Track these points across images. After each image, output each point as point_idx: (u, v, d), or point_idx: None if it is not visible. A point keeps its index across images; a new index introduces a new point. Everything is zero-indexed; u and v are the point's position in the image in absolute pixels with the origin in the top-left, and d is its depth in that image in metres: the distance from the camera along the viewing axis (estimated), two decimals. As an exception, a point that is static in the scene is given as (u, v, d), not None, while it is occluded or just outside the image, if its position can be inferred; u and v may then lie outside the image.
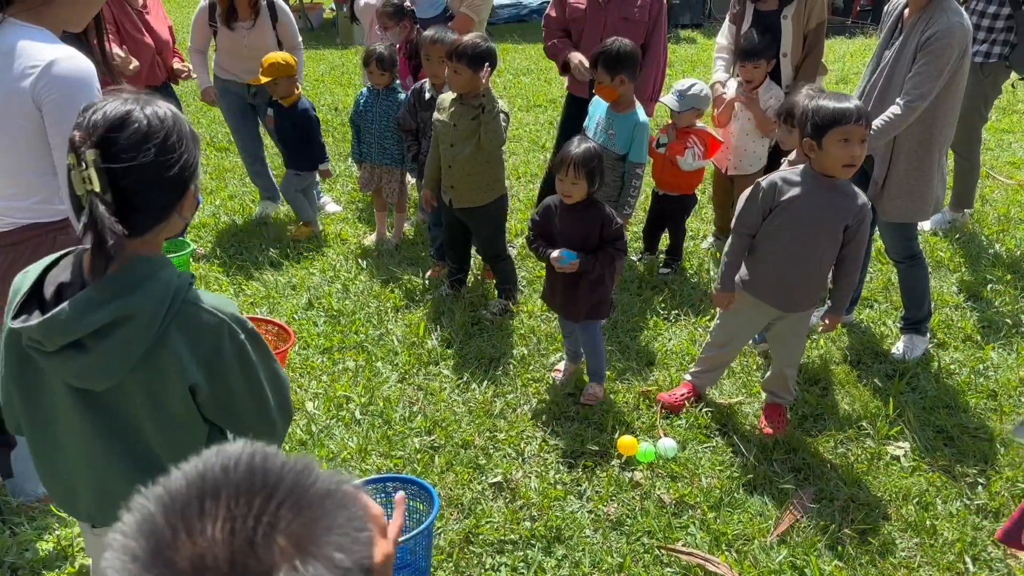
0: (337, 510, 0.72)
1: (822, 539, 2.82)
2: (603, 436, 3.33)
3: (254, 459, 0.72)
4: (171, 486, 0.70)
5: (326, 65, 9.96)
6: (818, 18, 4.26)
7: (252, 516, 0.67)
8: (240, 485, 0.70)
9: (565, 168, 3.22)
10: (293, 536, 0.68)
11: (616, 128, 4.06)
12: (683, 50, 10.79)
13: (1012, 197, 5.81)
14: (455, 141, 3.93)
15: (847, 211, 3.00)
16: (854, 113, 2.83)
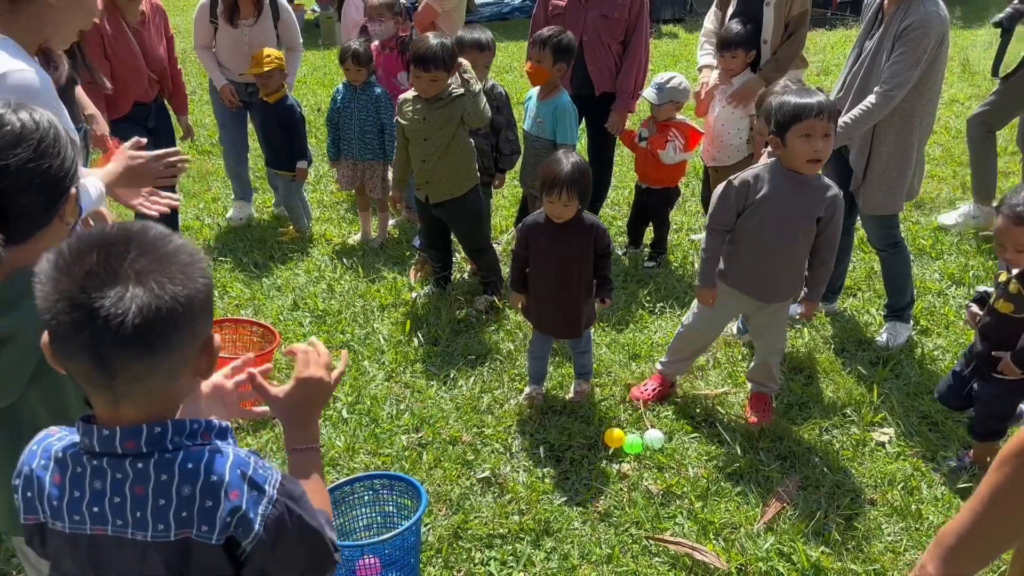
0: (173, 264, 1.13)
1: (808, 525, 2.84)
2: (590, 429, 3.35)
3: (133, 226, 1.16)
4: (81, 232, 1.15)
5: (309, 66, 9.94)
6: (801, 6, 4.28)
7: (113, 251, 1.11)
8: (113, 236, 1.13)
9: (557, 191, 3.09)
10: (136, 268, 1.10)
11: (543, 115, 4.12)
12: (665, 45, 10.82)
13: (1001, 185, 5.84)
14: (428, 135, 3.92)
15: (818, 204, 3.03)
16: (815, 108, 2.85)
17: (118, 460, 1.18)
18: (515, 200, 5.53)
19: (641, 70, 4.61)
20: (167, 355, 1.14)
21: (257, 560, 1.22)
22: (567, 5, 4.54)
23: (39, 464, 1.24)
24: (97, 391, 1.16)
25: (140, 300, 1.08)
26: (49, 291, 1.10)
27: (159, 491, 1.18)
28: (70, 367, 1.15)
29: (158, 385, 1.17)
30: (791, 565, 2.71)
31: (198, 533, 1.18)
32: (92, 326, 1.07)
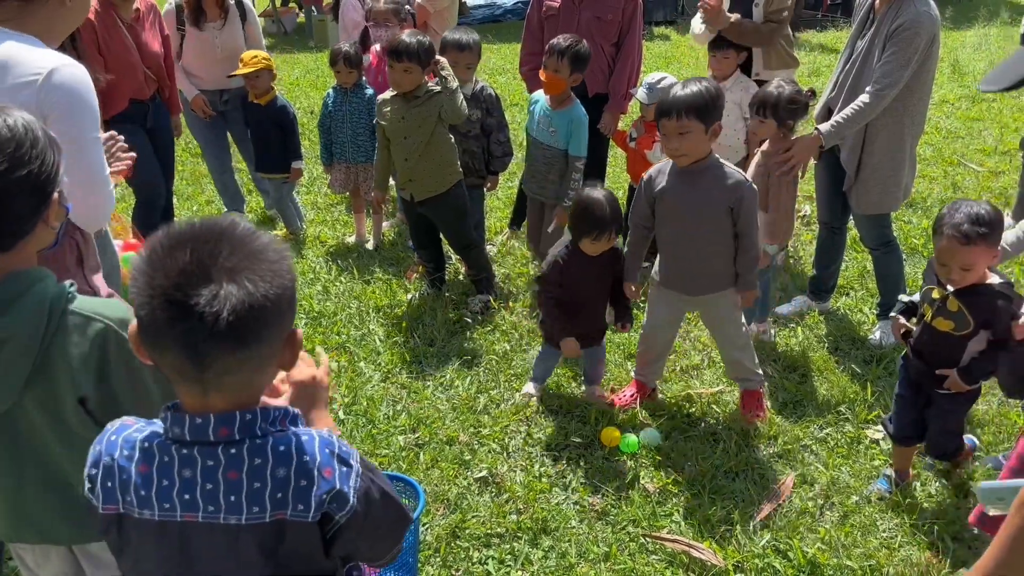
0: (261, 262, 1.16)
1: (804, 522, 2.86)
2: (586, 428, 3.36)
3: (222, 222, 1.19)
4: (170, 228, 1.18)
5: (301, 69, 9.95)
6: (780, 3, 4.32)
7: (206, 249, 1.14)
8: (200, 234, 1.16)
9: (606, 233, 3.18)
10: (228, 266, 1.13)
11: (556, 124, 4.11)
12: (657, 47, 10.86)
13: (983, 183, 5.91)
14: (408, 133, 3.94)
15: (722, 194, 3.02)
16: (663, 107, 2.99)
17: (209, 448, 1.22)
18: (509, 202, 5.55)
19: (634, 72, 4.63)
20: (257, 349, 1.18)
21: (349, 533, 1.28)
22: (560, 7, 4.56)
23: (122, 454, 1.26)
24: (187, 383, 1.20)
25: (234, 298, 1.12)
26: (143, 286, 1.13)
27: (254, 475, 1.22)
28: (161, 360, 1.18)
29: (247, 377, 1.22)
30: (787, 562, 2.72)
31: (293, 513, 1.23)
32: (187, 322, 1.11)
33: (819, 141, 3.56)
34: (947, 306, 2.66)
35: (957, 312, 2.64)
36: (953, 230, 2.51)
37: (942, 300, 2.68)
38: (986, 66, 8.94)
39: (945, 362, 2.73)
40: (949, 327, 2.67)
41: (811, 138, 3.58)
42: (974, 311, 2.61)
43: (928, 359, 2.77)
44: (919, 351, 2.80)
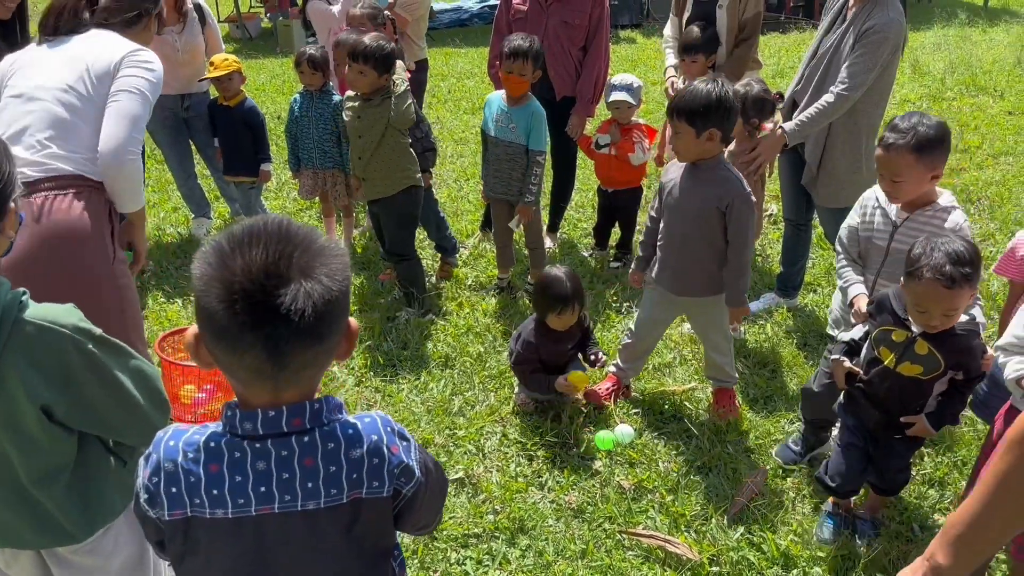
0: (329, 258, 1.19)
1: (777, 515, 2.90)
2: (561, 427, 3.38)
3: (283, 222, 1.21)
4: (232, 230, 1.19)
5: (267, 74, 9.88)
6: (754, 8, 4.37)
7: (278, 249, 1.15)
8: (272, 234, 1.17)
9: (569, 308, 3.28)
10: (301, 265, 1.16)
11: (516, 120, 4.14)
12: (623, 50, 10.94)
13: (945, 180, 5.98)
14: (362, 132, 3.95)
15: (716, 193, 3.02)
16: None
17: (283, 439, 1.25)
18: (480, 205, 5.57)
19: (601, 75, 4.67)
20: (329, 342, 1.22)
21: (416, 503, 1.36)
22: (528, 10, 4.59)
23: (186, 458, 1.26)
24: (262, 381, 1.21)
25: (316, 294, 1.15)
26: (221, 291, 1.13)
27: (329, 459, 1.26)
28: (237, 362, 1.19)
29: (317, 370, 1.26)
30: (761, 554, 2.76)
31: (369, 490, 1.29)
32: (273, 322, 1.13)
33: (783, 139, 3.62)
34: (915, 350, 2.44)
35: (927, 355, 2.42)
36: (935, 273, 2.24)
37: (908, 343, 2.45)
38: (945, 66, 9.13)
39: (910, 408, 2.54)
40: (917, 372, 2.46)
41: (776, 137, 3.64)
42: (946, 353, 2.41)
43: (891, 407, 2.56)
44: (879, 400, 2.57)
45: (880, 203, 2.81)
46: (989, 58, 9.43)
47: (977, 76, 8.69)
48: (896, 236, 2.77)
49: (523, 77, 4.01)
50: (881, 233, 2.81)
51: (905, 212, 2.74)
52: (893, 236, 2.77)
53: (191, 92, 4.95)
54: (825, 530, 2.82)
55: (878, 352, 2.55)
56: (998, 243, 5.00)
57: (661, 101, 7.59)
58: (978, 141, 6.82)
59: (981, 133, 7.04)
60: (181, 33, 4.82)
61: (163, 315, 4.37)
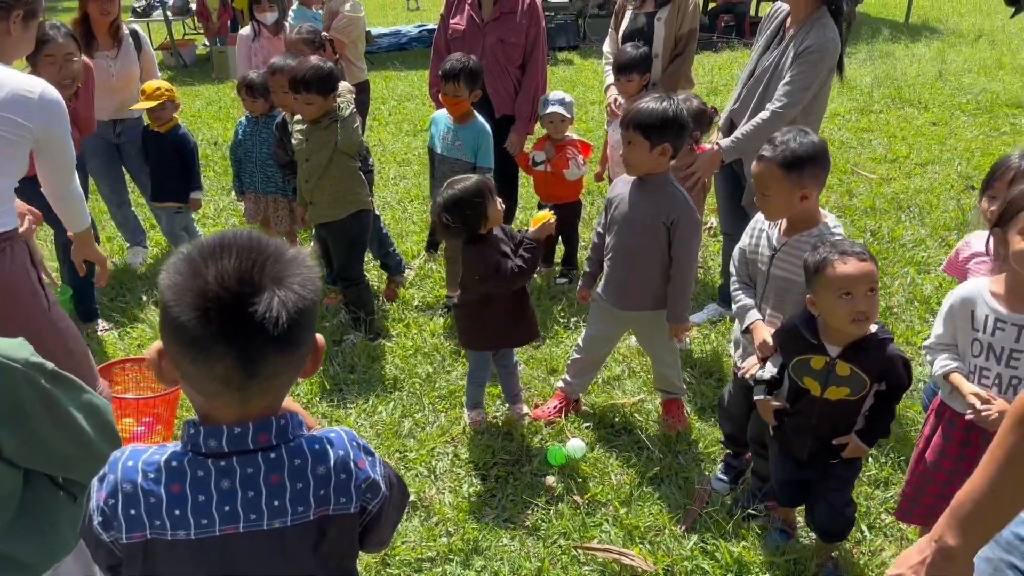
0: (300, 268, 1.19)
1: (729, 522, 2.92)
2: (512, 445, 3.36)
3: (252, 233, 1.20)
4: (202, 241, 1.18)
5: (203, 100, 9.74)
6: (690, 24, 4.45)
7: (251, 258, 1.15)
8: (244, 244, 1.17)
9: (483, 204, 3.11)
10: (274, 274, 1.15)
11: (462, 138, 4.15)
12: (561, 71, 11.07)
13: (876, 190, 6.21)
14: (309, 155, 3.91)
15: (663, 208, 3.04)
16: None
17: (248, 456, 1.23)
18: (424, 225, 5.55)
19: (539, 93, 4.70)
20: (299, 352, 1.22)
21: (382, 519, 1.35)
22: (465, 30, 4.61)
23: (146, 478, 1.23)
24: (230, 393, 1.19)
25: (290, 302, 1.16)
26: (193, 299, 1.12)
27: (296, 475, 1.25)
28: (208, 372, 1.16)
29: (285, 382, 1.25)
30: (715, 562, 2.77)
31: (336, 506, 1.28)
32: (247, 330, 1.13)
33: (720, 156, 3.68)
34: (837, 372, 2.39)
35: (850, 375, 2.38)
36: (851, 248, 2.30)
37: (829, 367, 2.41)
38: (872, 80, 9.44)
39: (841, 430, 2.49)
40: (845, 394, 2.42)
41: (712, 153, 3.70)
42: (868, 368, 2.37)
43: (823, 433, 2.50)
44: (811, 428, 2.51)
45: (765, 226, 2.73)
46: (913, 72, 9.79)
47: (902, 89, 9.00)
48: (775, 261, 2.67)
49: (458, 97, 4.02)
50: (763, 257, 2.72)
51: (785, 237, 2.64)
52: (772, 261, 2.68)
53: (124, 118, 4.83)
54: (778, 540, 2.85)
55: (801, 382, 2.48)
56: (929, 248, 5.16)
57: (600, 120, 7.69)
58: (906, 151, 7.05)
59: (908, 143, 7.28)
60: (116, 59, 4.71)
61: (99, 348, 4.23)
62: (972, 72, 9.77)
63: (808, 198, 2.53)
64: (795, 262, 2.57)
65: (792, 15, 3.62)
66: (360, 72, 5.79)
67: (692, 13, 4.44)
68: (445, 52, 4.65)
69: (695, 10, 4.45)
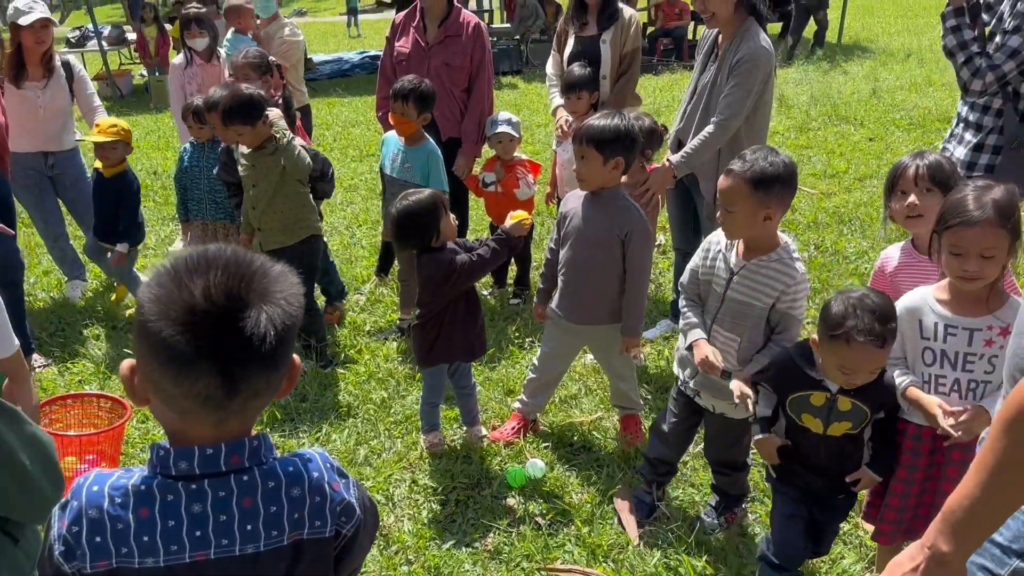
0: (286, 284, 1.17)
1: (691, 536, 2.91)
2: (471, 468, 3.31)
3: (235, 248, 1.18)
4: (184, 256, 1.14)
5: (141, 130, 9.55)
6: (633, 43, 4.51)
7: (238, 273, 1.12)
8: (230, 258, 1.14)
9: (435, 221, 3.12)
10: (260, 290, 1.13)
11: (412, 161, 4.14)
12: (506, 95, 11.14)
13: (818, 205, 6.34)
14: (256, 182, 3.86)
15: (617, 221, 3.06)
16: None
17: (220, 478, 1.18)
18: (374, 250, 5.49)
19: (485, 116, 4.71)
20: (282, 371, 1.19)
21: (356, 545, 1.31)
22: (411, 53, 4.61)
23: (112, 503, 1.17)
24: (208, 411, 1.15)
25: (277, 319, 1.13)
26: (179, 313, 1.09)
27: (269, 498, 1.21)
28: (189, 388, 1.11)
29: (265, 401, 1.21)
30: (679, 577, 2.76)
31: (311, 530, 1.24)
32: (233, 346, 1.10)
33: (672, 171, 3.72)
34: (839, 408, 2.32)
35: (851, 409, 2.32)
36: (867, 336, 2.14)
37: (830, 404, 2.33)
38: (809, 99, 9.69)
39: (848, 465, 2.41)
40: (847, 428, 2.35)
41: (665, 169, 3.74)
42: (867, 400, 2.31)
43: (830, 470, 2.41)
44: (819, 469, 2.42)
45: (722, 248, 2.67)
46: (848, 90, 10.08)
47: (838, 107, 9.26)
48: (732, 284, 2.60)
49: (405, 117, 4.01)
50: (720, 279, 2.65)
51: (743, 260, 2.59)
52: (729, 284, 2.61)
53: (55, 150, 4.68)
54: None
55: (799, 420, 2.39)
56: (871, 260, 5.27)
57: (546, 141, 7.74)
58: (845, 166, 7.23)
59: (847, 159, 7.47)
60: (44, 89, 4.57)
61: (39, 384, 4.07)
62: (904, 89, 10.11)
63: (771, 219, 2.49)
64: (753, 285, 2.56)
65: (722, 32, 3.71)
66: (302, 95, 5.73)
67: (635, 33, 4.51)
68: (392, 74, 4.64)
69: (637, 29, 4.53)
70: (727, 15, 3.58)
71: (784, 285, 2.51)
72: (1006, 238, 2.13)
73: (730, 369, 2.63)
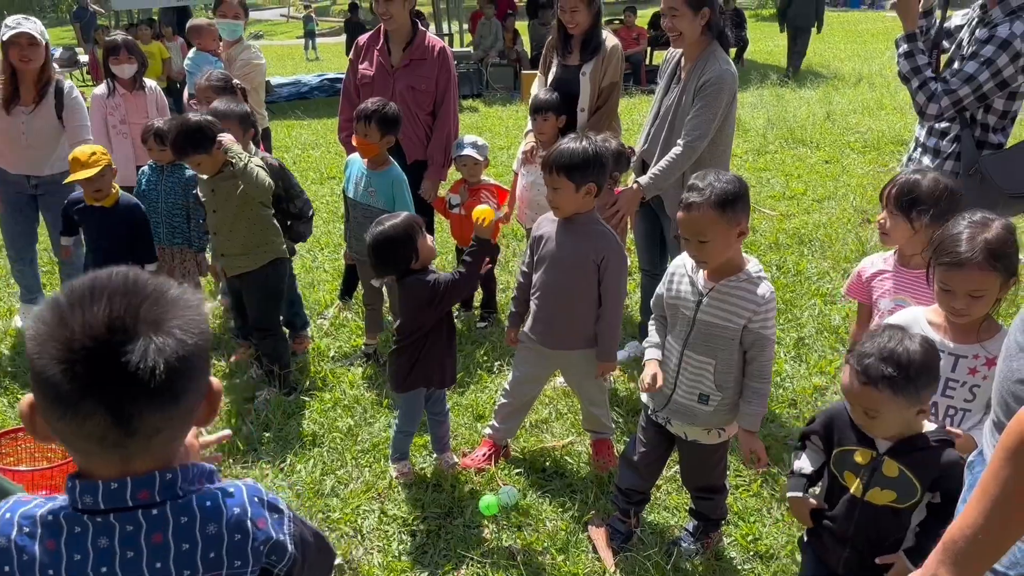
0: (183, 309, 1.07)
1: (669, 562, 2.87)
2: (442, 497, 3.24)
3: (130, 272, 1.08)
4: (72, 284, 1.06)
5: (95, 153, 9.34)
6: (612, 77, 4.49)
7: (124, 302, 1.03)
8: (118, 286, 1.05)
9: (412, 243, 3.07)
10: (151, 319, 1.04)
11: (376, 185, 4.09)
12: (467, 118, 11.14)
13: (778, 226, 6.42)
14: (216, 207, 3.78)
15: (592, 246, 3.04)
16: None
17: (127, 513, 1.11)
18: (337, 274, 5.41)
19: (451, 139, 4.68)
20: (186, 404, 1.10)
21: None
22: (375, 75, 4.56)
23: (20, 532, 1.11)
24: (107, 452, 1.08)
25: (168, 350, 1.04)
26: (58, 349, 1.01)
27: (181, 535, 1.13)
28: (77, 430, 1.05)
29: (172, 436, 1.13)
30: (657, 605, 2.71)
31: (230, 570, 1.15)
32: (118, 383, 1.02)
33: (640, 192, 3.72)
34: (883, 472, 2.06)
35: (898, 477, 2.05)
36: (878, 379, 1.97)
37: (874, 464, 2.08)
38: (765, 122, 9.85)
39: (884, 542, 2.11)
40: (890, 499, 2.07)
41: (633, 191, 3.73)
42: (920, 472, 2.03)
43: (861, 544, 2.14)
44: (847, 537, 2.16)
45: (688, 271, 2.63)
46: (803, 114, 10.27)
47: (794, 130, 9.42)
48: (702, 306, 2.56)
49: (367, 139, 3.96)
50: (687, 302, 2.60)
51: (711, 281, 2.55)
52: (699, 306, 2.57)
53: (40, 174, 4.53)
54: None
55: (841, 478, 2.16)
56: (833, 279, 5.34)
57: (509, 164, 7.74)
58: (803, 188, 7.34)
59: (804, 181, 7.59)
60: (31, 114, 4.38)
61: (-15, 418, 3.90)
62: (857, 113, 10.33)
63: (745, 233, 2.49)
64: (724, 307, 2.53)
65: (685, 55, 3.74)
66: (262, 118, 5.65)
67: (615, 66, 4.48)
68: (356, 96, 4.59)
69: (619, 62, 4.48)
70: (694, 36, 3.60)
71: (756, 305, 2.50)
72: (996, 278, 2.13)
73: (707, 392, 2.62)
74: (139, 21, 13.40)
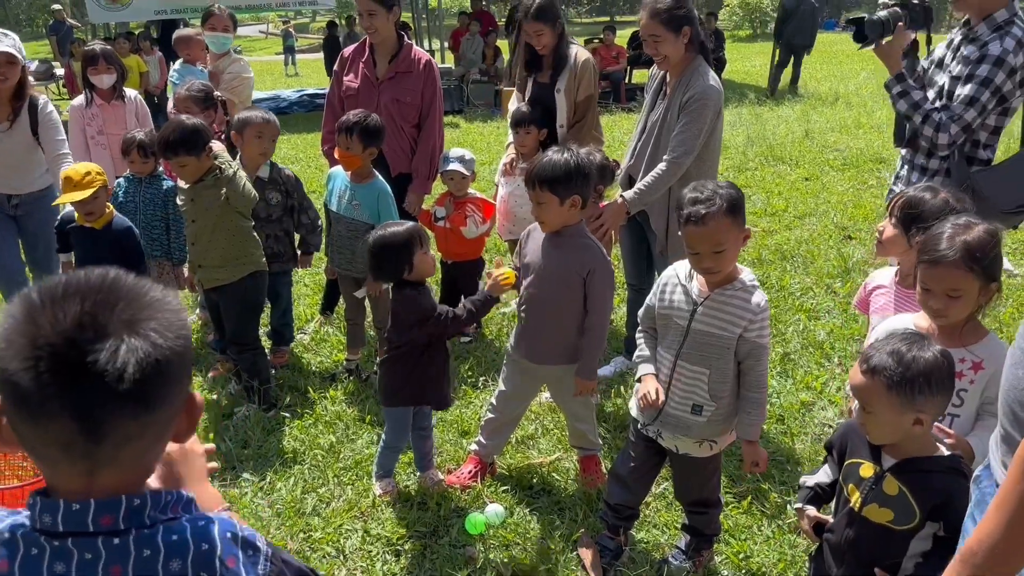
0: (161, 312, 1.02)
1: None
2: (427, 515, 3.16)
3: (108, 272, 1.03)
4: (47, 281, 1.01)
5: (70, 167, 9.21)
6: (586, 91, 4.48)
7: (98, 300, 0.98)
8: (94, 284, 1.00)
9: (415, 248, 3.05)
10: (126, 319, 0.98)
11: (360, 198, 4.04)
12: (448, 134, 11.00)
13: (760, 242, 6.42)
14: (196, 216, 3.71)
15: (579, 259, 3.00)
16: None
17: (87, 539, 1.03)
18: (318, 288, 5.33)
19: (436, 153, 4.65)
20: (161, 413, 1.04)
21: None
22: (360, 88, 4.52)
23: None
24: (71, 461, 1.01)
25: (140, 351, 0.98)
26: (23, 347, 0.96)
27: (142, 569, 1.04)
28: (42, 435, 0.99)
29: (145, 448, 1.06)
30: (649, 625, 2.65)
31: None
32: (84, 384, 0.95)
33: (625, 207, 3.69)
34: (883, 488, 1.99)
35: (897, 496, 1.96)
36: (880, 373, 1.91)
37: (876, 479, 2.01)
38: (745, 140, 9.92)
39: (881, 561, 2.02)
40: (887, 518, 1.98)
41: (618, 205, 3.70)
42: (920, 495, 1.93)
43: (855, 563, 2.06)
44: (845, 552, 2.08)
45: (680, 280, 2.61)
46: (782, 132, 10.36)
47: (774, 148, 9.49)
48: (696, 316, 2.54)
49: (349, 151, 3.91)
50: (681, 312, 2.58)
51: (706, 290, 2.54)
52: (693, 316, 2.55)
53: (19, 192, 4.40)
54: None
55: (847, 491, 2.09)
56: (816, 295, 5.34)
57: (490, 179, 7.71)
58: (783, 205, 7.37)
59: (785, 198, 7.62)
60: (6, 132, 4.23)
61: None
62: (835, 131, 10.43)
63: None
64: (719, 316, 2.50)
65: (670, 71, 3.72)
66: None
67: (588, 80, 4.47)
68: (340, 108, 4.54)
69: (591, 76, 4.49)
70: (678, 57, 3.59)
71: (752, 314, 2.48)
72: (974, 280, 2.12)
73: (701, 403, 2.58)
74: (117, 35, 13.28)
